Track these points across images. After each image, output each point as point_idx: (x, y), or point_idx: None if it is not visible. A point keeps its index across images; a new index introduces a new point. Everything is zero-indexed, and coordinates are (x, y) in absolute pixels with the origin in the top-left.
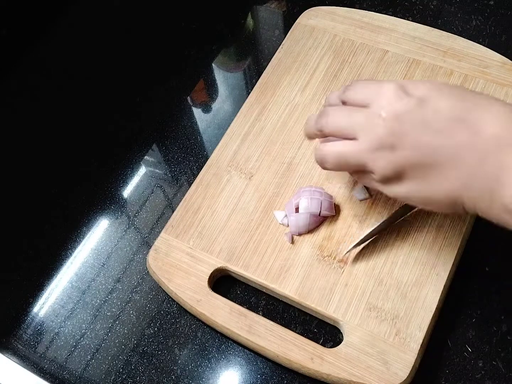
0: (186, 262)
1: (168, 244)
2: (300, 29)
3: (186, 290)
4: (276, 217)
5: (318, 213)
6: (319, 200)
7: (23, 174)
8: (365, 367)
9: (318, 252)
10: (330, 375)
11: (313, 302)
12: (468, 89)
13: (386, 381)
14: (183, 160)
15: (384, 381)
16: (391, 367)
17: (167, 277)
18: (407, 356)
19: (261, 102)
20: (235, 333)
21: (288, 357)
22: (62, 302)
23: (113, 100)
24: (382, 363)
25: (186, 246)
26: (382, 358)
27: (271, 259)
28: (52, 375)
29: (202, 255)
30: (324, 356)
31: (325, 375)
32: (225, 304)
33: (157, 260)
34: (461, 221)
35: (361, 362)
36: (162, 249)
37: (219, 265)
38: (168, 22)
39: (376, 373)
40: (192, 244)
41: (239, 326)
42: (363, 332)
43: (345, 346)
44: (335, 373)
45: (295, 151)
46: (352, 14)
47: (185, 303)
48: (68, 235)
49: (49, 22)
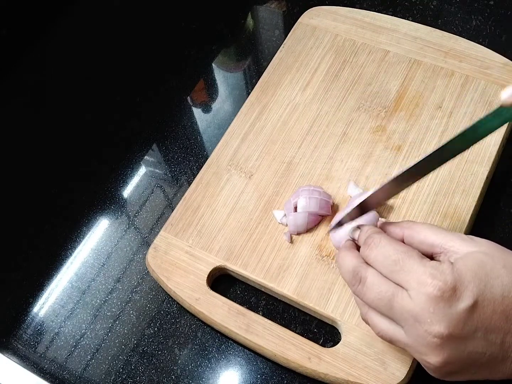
0: (185, 260)
1: (167, 242)
2: (301, 28)
3: (185, 288)
4: (275, 216)
5: (316, 212)
6: (317, 199)
7: (23, 174)
8: (363, 367)
9: (317, 252)
10: (327, 374)
11: (311, 301)
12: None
13: (384, 381)
14: (183, 160)
15: (381, 381)
16: (389, 367)
17: (166, 275)
18: (404, 356)
19: (261, 102)
20: (233, 332)
21: (286, 356)
22: (62, 302)
23: (113, 100)
24: (380, 363)
25: (185, 245)
26: (380, 358)
27: (270, 258)
28: (52, 375)
29: (201, 254)
30: (321, 356)
31: (323, 374)
32: (223, 303)
33: (156, 258)
34: (460, 223)
35: (359, 362)
36: (161, 247)
37: (218, 264)
38: (168, 22)
39: (373, 373)
40: (191, 243)
41: (237, 325)
42: (360, 332)
43: (342, 345)
44: (333, 372)
45: (295, 151)
46: (354, 14)
47: (183, 301)
48: (68, 235)
49: (49, 22)
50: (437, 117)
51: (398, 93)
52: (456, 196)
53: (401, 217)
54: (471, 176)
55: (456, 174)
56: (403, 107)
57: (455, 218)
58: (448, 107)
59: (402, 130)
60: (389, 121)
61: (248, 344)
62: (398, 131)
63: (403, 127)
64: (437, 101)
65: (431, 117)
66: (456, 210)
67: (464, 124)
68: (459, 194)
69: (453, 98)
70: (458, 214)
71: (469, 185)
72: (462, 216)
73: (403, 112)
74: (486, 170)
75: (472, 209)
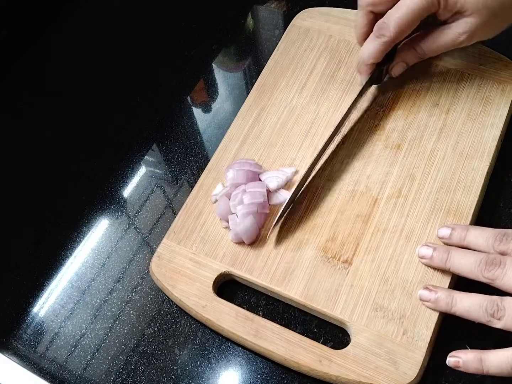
0: (189, 267)
1: (170, 250)
2: (295, 30)
3: (191, 296)
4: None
5: (244, 184)
6: (245, 171)
7: (23, 174)
8: (374, 368)
9: (322, 254)
10: (339, 376)
11: (319, 304)
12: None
13: (396, 381)
14: (183, 160)
15: (393, 381)
16: (400, 367)
17: (171, 284)
18: (415, 355)
19: (259, 105)
20: (242, 338)
21: (297, 360)
22: (62, 302)
23: (113, 100)
24: (391, 363)
25: (189, 252)
26: (391, 358)
27: (275, 262)
28: (52, 375)
29: (205, 260)
30: (332, 358)
31: (334, 377)
32: (230, 309)
33: (160, 267)
34: (463, 218)
35: (370, 363)
36: (165, 255)
37: (223, 270)
38: (168, 22)
39: (385, 373)
40: (195, 250)
41: (246, 330)
42: (370, 333)
43: (353, 347)
44: (344, 374)
45: (294, 153)
46: (347, 15)
47: (190, 309)
48: (68, 235)
49: (49, 22)
50: (434, 114)
51: (394, 91)
52: (458, 193)
53: (404, 215)
54: (472, 172)
55: (457, 171)
56: (400, 106)
57: (458, 214)
58: (445, 104)
59: (400, 129)
60: (387, 120)
61: (258, 350)
62: (397, 130)
63: (401, 126)
64: (434, 98)
65: (429, 114)
66: (458, 206)
67: (462, 120)
68: (461, 191)
69: (449, 95)
70: (461, 211)
71: (470, 181)
72: (464, 212)
73: (400, 111)
74: (486, 166)
75: (474, 205)
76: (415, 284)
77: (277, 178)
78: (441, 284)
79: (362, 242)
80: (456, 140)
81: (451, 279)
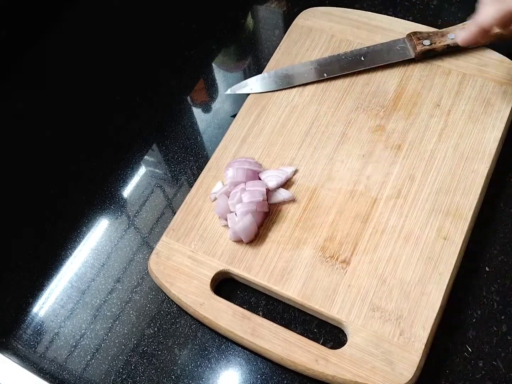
0: (188, 265)
1: (169, 247)
2: (297, 30)
3: (189, 293)
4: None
5: (243, 183)
6: (244, 170)
7: (23, 174)
8: (370, 368)
9: (320, 253)
10: (335, 376)
11: (316, 303)
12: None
13: (391, 381)
14: (183, 160)
15: (389, 381)
16: (396, 367)
17: (169, 281)
18: (411, 356)
19: (260, 104)
20: (238, 336)
21: (293, 359)
22: (62, 302)
23: (113, 100)
24: (387, 363)
25: (188, 249)
26: (387, 359)
27: (273, 261)
28: (52, 375)
29: (204, 258)
30: (328, 358)
31: (330, 376)
32: (228, 307)
33: (159, 264)
34: (463, 220)
35: (366, 363)
36: (164, 252)
37: (221, 268)
38: (168, 22)
39: (381, 373)
40: (194, 247)
41: (243, 329)
42: (367, 333)
43: (349, 347)
44: (340, 374)
45: (295, 152)
46: (349, 14)
47: (188, 307)
48: (68, 235)
49: (49, 22)
50: (435, 115)
51: (396, 92)
52: (458, 194)
53: (403, 216)
54: (472, 174)
55: (457, 172)
56: (401, 106)
57: (457, 216)
58: (447, 105)
59: (401, 129)
60: (388, 121)
61: (254, 348)
62: (398, 130)
63: (402, 126)
64: (435, 99)
65: (429, 115)
66: (458, 208)
67: (463, 122)
68: (460, 192)
69: (451, 96)
70: (460, 212)
71: (470, 183)
72: (464, 213)
73: (401, 111)
74: (486, 168)
75: (473, 207)
76: (412, 285)
77: (277, 177)
78: (439, 284)
79: (361, 242)
80: (456, 142)
81: (450, 279)
